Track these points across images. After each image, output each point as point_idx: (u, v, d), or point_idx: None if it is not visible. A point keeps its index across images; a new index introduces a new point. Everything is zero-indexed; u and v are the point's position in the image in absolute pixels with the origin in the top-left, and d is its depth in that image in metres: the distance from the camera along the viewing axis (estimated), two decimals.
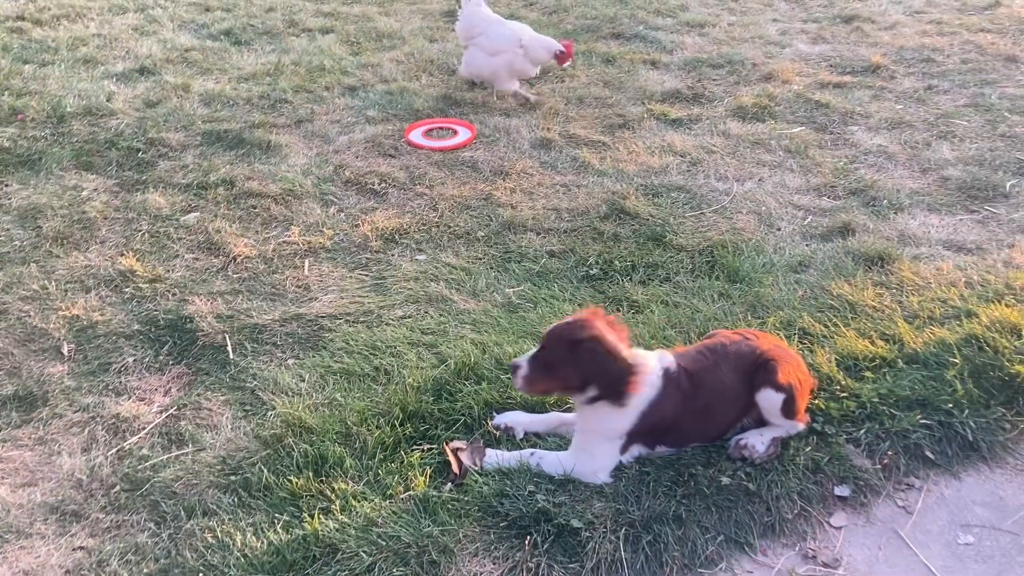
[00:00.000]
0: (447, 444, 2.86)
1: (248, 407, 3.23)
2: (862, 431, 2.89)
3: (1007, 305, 3.47)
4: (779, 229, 4.40)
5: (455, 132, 5.46)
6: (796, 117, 5.64)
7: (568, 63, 5.70)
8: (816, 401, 2.98)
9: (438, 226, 4.45)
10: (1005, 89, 5.92)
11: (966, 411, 2.95)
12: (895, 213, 4.49)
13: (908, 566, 2.53)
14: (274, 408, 3.16)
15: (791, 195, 4.72)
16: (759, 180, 4.89)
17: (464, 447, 2.85)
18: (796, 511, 2.65)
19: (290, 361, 3.49)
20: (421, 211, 4.59)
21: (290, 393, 3.26)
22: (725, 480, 2.70)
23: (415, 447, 2.91)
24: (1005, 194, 4.61)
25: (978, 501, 2.72)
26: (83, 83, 5.98)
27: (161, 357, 3.53)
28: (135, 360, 3.50)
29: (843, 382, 3.07)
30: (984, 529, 2.61)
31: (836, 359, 3.20)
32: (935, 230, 4.33)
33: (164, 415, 3.21)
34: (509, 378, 3.18)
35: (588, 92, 5.99)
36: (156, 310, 3.77)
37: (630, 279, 3.96)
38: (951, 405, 2.96)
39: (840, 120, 5.57)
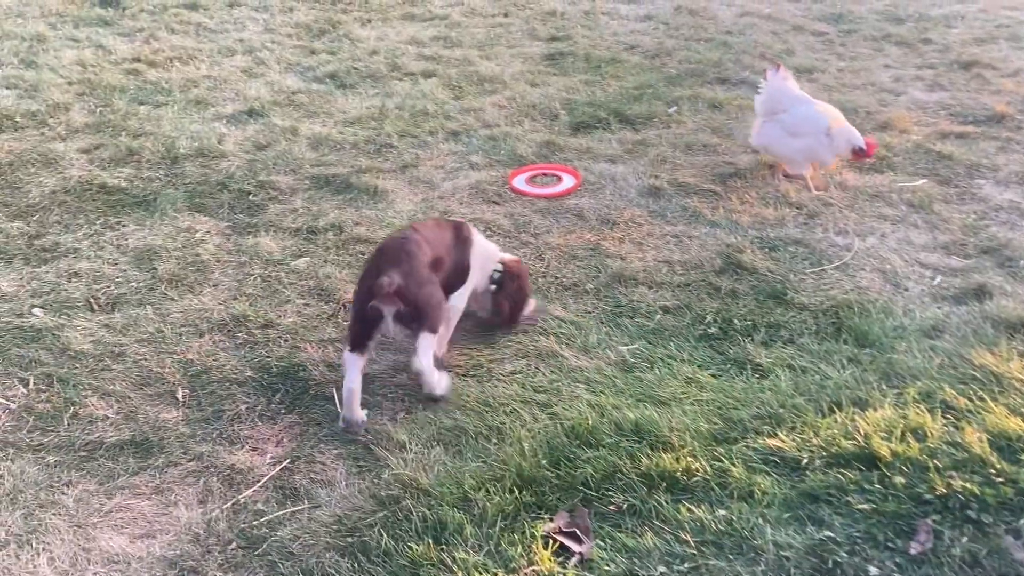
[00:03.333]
0: (552, 533, 2.71)
1: (362, 463, 3.16)
2: (1022, 521, 2.65)
3: None
4: (907, 289, 4.17)
5: (559, 179, 5.38)
6: (917, 169, 5.39)
7: (867, 161, 5.21)
8: (968, 485, 2.75)
9: (545, 276, 4.36)
10: None
11: None
12: None
13: None
14: (388, 466, 3.09)
15: (917, 252, 4.48)
16: (881, 235, 4.66)
17: (567, 522, 2.72)
18: None
19: (401, 415, 3.42)
20: (527, 260, 4.50)
21: (404, 449, 3.18)
22: (873, 571, 2.50)
23: (536, 516, 2.79)
24: None
25: None
26: (195, 124, 6.13)
27: (273, 405, 3.50)
28: (248, 408, 3.49)
29: (997, 465, 2.83)
30: None
31: (988, 438, 2.96)
32: None
33: (278, 467, 3.17)
34: (632, 445, 3.05)
35: (696, 139, 5.85)
36: (268, 356, 3.76)
37: (751, 339, 3.78)
38: None
39: (965, 173, 5.30)
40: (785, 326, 3.88)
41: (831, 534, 2.63)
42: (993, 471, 2.82)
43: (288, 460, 3.20)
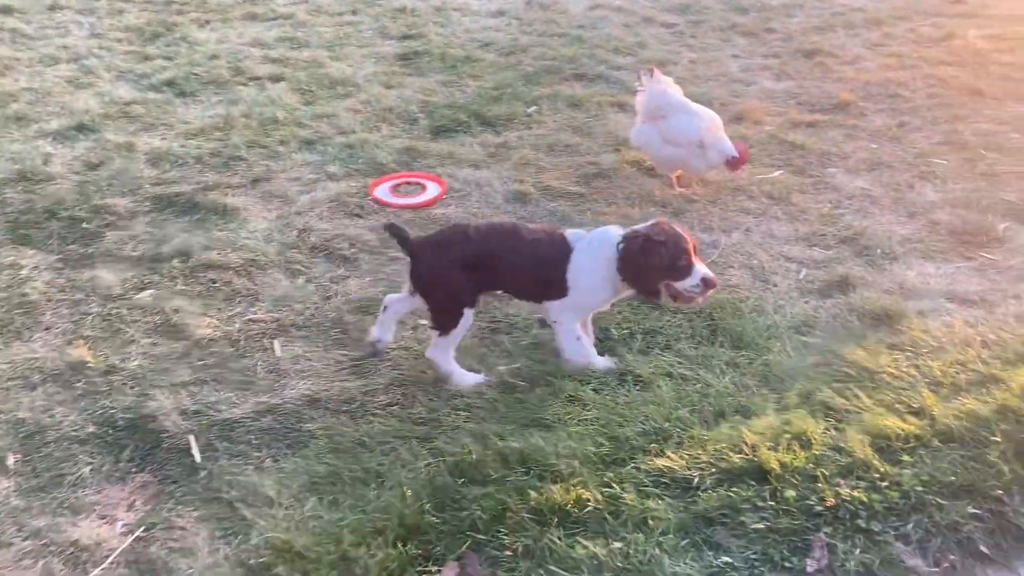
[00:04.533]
0: None
1: (227, 524, 2.87)
2: (910, 525, 2.67)
3: None
4: (775, 285, 4.20)
5: (423, 187, 5.17)
6: (773, 160, 5.49)
7: (741, 170, 5.08)
8: (856, 493, 2.75)
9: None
10: (977, 124, 5.87)
11: (1016, 498, 2.75)
12: (890, 263, 4.34)
13: None
14: (256, 526, 2.81)
15: (781, 246, 4.54)
16: (746, 230, 4.70)
17: (458, 574, 2.55)
18: None
19: (268, 463, 3.15)
20: (396, 278, 4.26)
21: (273, 505, 2.91)
22: None
23: (423, 570, 2.59)
24: (999, 238, 4.50)
25: None
26: (15, 144, 5.55)
27: (122, 464, 3.15)
28: (92, 469, 3.12)
29: (881, 468, 2.85)
30: None
31: (869, 440, 2.98)
32: (934, 280, 4.19)
33: (131, 538, 2.84)
34: (520, 479, 2.89)
35: (558, 139, 5.76)
36: (113, 407, 3.39)
37: (630, 348, 3.70)
38: (999, 491, 2.76)
39: (818, 162, 5.44)
40: (661, 331, 3.82)
41: (729, 559, 2.57)
42: (877, 475, 2.83)
43: (142, 528, 2.87)
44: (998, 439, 2.93)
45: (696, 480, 2.86)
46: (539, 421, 3.23)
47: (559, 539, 2.67)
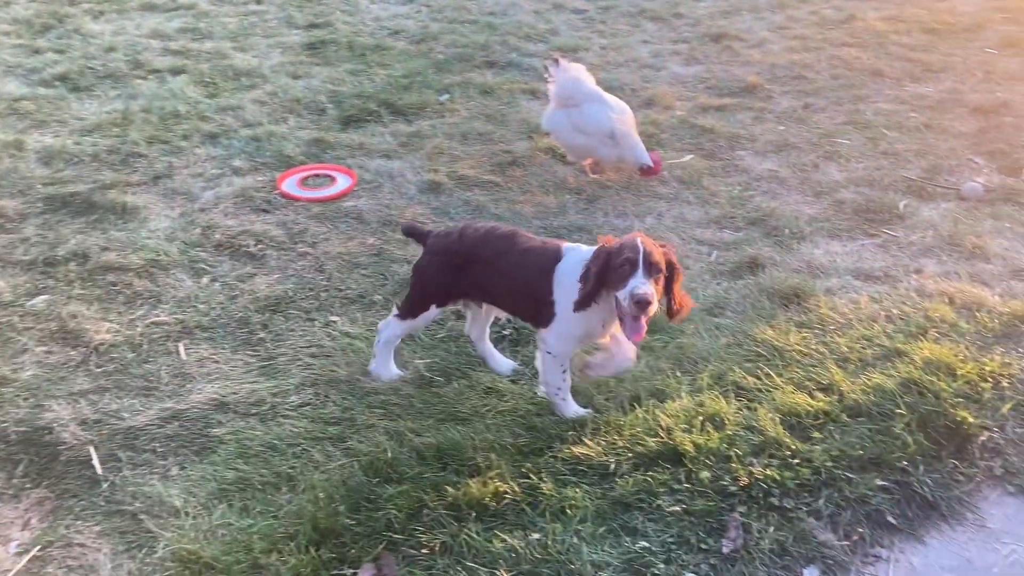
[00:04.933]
0: None
1: (130, 538, 2.74)
2: (821, 500, 2.72)
3: (934, 341, 3.41)
4: (688, 268, 4.23)
5: (333, 179, 5.05)
6: (683, 144, 5.54)
7: (655, 177, 5.04)
8: (768, 471, 2.78)
9: (327, 290, 4.05)
10: (877, 104, 6.03)
11: (921, 467, 2.82)
12: (798, 242, 4.42)
13: None
14: (162, 538, 2.69)
15: (693, 229, 4.58)
16: (659, 215, 4.73)
17: (373, 575, 2.50)
18: None
19: (174, 471, 3.02)
20: (306, 274, 4.17)
21: (179, 515, 2.79)
22: None
23: (337, 574, 2.52)
24: (900, 215, 4.62)
25: (947, 567, 2.58)
26: None
27: (16, 480, 2.98)
28: None
29: (792, 446, 2.89)
30: None
31: (780, 418, 3.02)
32: (840, 258, 4.28)
33: (26, 558, 2.68)
34: (436, 475, 2.84)
35: (471, 128, 5.70)
36: (4, 421, 3.20)
37: None
38: (905, 462, 2.83)
39: (727, 145, 5.51)
40: None
41: (646, 544, 2.57)
42: (789, 452, 2.87)
43: (38, 547, 2.72)
44: (903, 411, 3.00)
45: (613, 466, 2.85)
46: (456, 415, 3.18)
47: (477, 534, 2.63)
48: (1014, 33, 7.30)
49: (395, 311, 3.36)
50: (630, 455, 2.90)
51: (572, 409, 3.15)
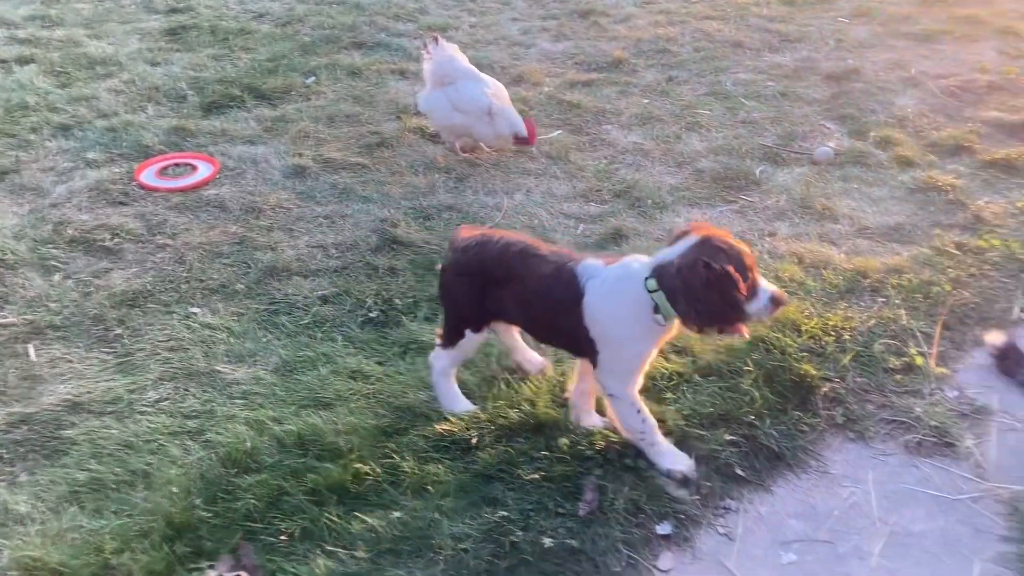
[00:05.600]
0: None
1: None
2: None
3: None
4: (555, 242, 4.29)
5: (194, 168, 4.89)
6: (552, 120, 5.59)
7: (530, 147, 5.03)
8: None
9: (188, 282, 3.93)
10: (737, 75, 6.22)
11: (767, 420, 2.95)
12: (660, 212, 4.54)
13: None
14: (4, 548, 2.58)
15: (560, 203, 4.64)
16: (527, 191, 4.77)
17: (231, 566, 2.46)
18: (624, 563, 2.51)
19: (23, 477, 2.90)
20: (165, 266, 4.04)
21: (26, 522, 2.68)
22: (548, 542, 2.51)
23: (194, 568, 2.47)
24: (756, 181, 4.79)
25: (792, 513, 2.71)
26: None
27: None
28: None
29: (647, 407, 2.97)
30: (803, 543, 2.60)
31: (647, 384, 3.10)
32: None
33: None
34: (297, 461, 2.81)
35: (338, 110, 5.61)
36: None
37: (414, 317, 3.68)
38: (752, 416, 2.95)
39: (594, 120, 5.59)
40: None
41: (505, 513, 2.60)
42: None
43: None
44: (750, 368, 3.13)
45: (475, 440, 2.88)
46: (319, 401, 3.15)
47: (338, 517, 2.62)
48: (864, 3, 7.63)
49: (437, 340, 3.07)
50: (493, 428, 2.93)
51: (670, 456, 2.74)
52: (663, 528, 2.62)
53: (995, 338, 3.30)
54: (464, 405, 3.04)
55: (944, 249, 3.95)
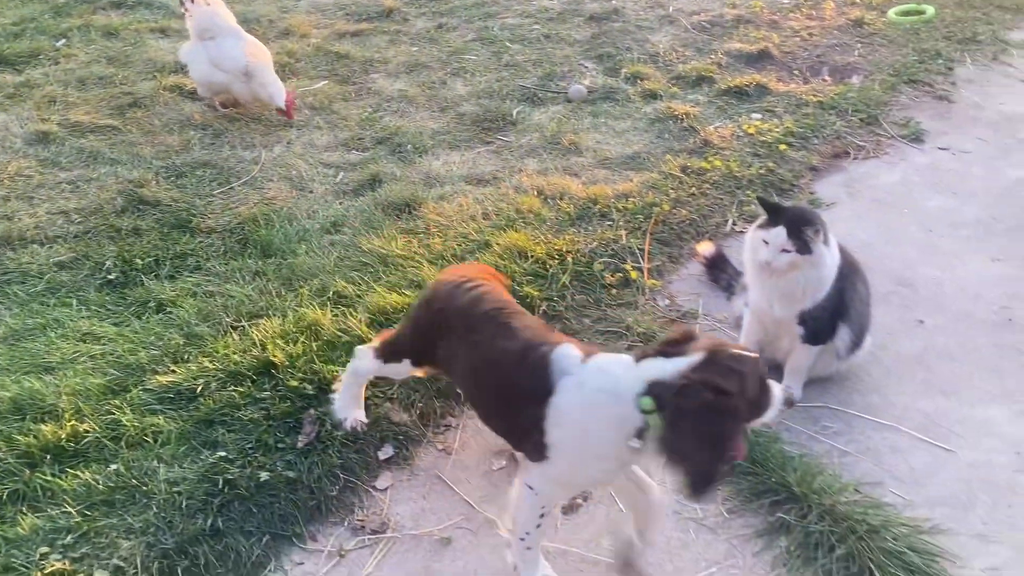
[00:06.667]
0: None
1: None
2: (396, 387, 2.93)
3: (516, 230, 3.74)
4: (312, 192, 4.31)
5: None
6: (318, 72, 5.56)
7: (293, 119, 4.91)
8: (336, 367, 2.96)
9: None
10: (505, 20, 6.36)
11: None
12: (420, 156, 4.63)
13: (451, 506, 2.62)
14: None
15: (320, 154, 4.66)
16: (288, 143, 4.75)
17: None
18: (340, 486, 2.62)
19: None
20: None
21: None
22: (264, 476, 2.59)
23: None
24: (513, 121, 4.96)
25: None
26: None
27: None
28: None
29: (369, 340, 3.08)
30: (508, 450, 2.79)
31: (367, 319, 3.20)
32: (456, 167, 4.53)
33: None
34: (11, 427, 2.75)
35: (90, 72, 5.37)
36: None
37: (156, 276, 3.63)
38: None
39: (361, 69, 5.60)
40: (192, 254, 3.78)
41: (224, 453, 2.65)
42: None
43: None
44: None
45: (200, 388, 2.90)
46: (43, 366, 3.08)
47: (52, 476, 2.59)
48: None
49: (375, 342, 2.72)
50: (220, 376, 2.96)
51: (534, 565, 2.29)
52: (385, 452, 2.75)
53: (705, 248, 3.59)
54: (356, 413, 2.79)
55: (670, 173, 4.24)
